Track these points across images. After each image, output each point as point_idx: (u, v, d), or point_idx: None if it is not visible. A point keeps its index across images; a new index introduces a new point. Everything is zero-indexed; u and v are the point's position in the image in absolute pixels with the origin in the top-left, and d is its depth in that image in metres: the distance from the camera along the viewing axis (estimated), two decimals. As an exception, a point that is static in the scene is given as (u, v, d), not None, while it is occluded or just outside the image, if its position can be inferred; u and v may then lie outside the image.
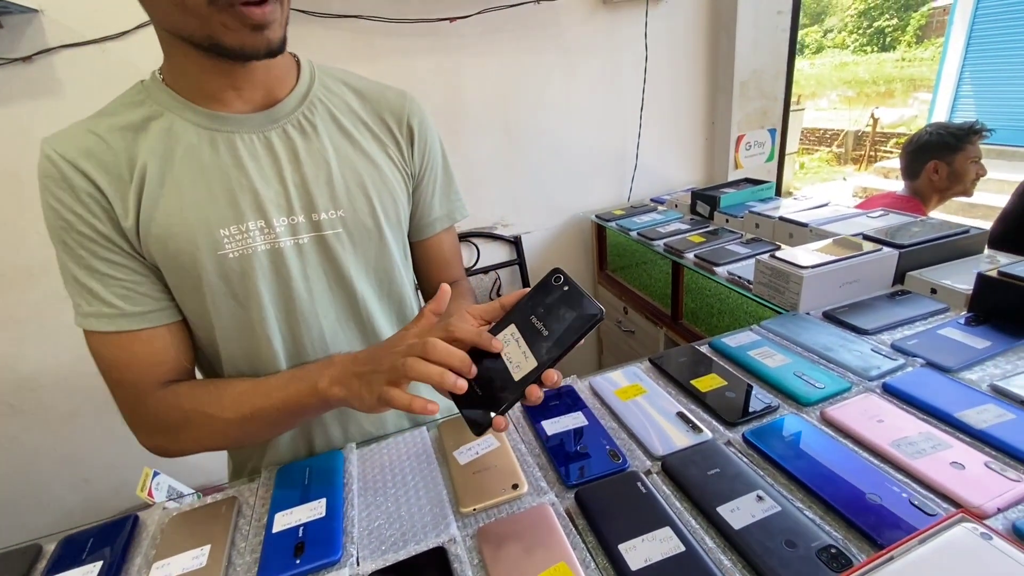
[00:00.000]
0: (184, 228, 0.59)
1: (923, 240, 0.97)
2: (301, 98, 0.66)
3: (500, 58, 1.64)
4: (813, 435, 0.63)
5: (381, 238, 0.70)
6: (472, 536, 0.56)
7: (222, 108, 0.61)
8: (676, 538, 0.52)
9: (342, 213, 0.66)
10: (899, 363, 0.74)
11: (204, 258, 0.60)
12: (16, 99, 1.32)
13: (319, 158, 0.65)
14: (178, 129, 0.60)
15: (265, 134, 0.63)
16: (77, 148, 0.58)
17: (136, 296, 0.61)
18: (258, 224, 0.62)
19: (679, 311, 1.47)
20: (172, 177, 0.59)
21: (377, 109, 0.71)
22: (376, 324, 0.74)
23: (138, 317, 0.61)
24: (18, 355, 1.51)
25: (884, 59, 15.04)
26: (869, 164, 7.85)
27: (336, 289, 0.69)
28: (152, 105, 0.60)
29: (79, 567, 0.59)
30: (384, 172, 0.70)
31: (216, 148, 0.61)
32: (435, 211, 0.79)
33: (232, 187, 0.61)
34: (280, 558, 0.56)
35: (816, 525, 0.51)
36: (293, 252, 0.65)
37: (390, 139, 0.71)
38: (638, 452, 0.65)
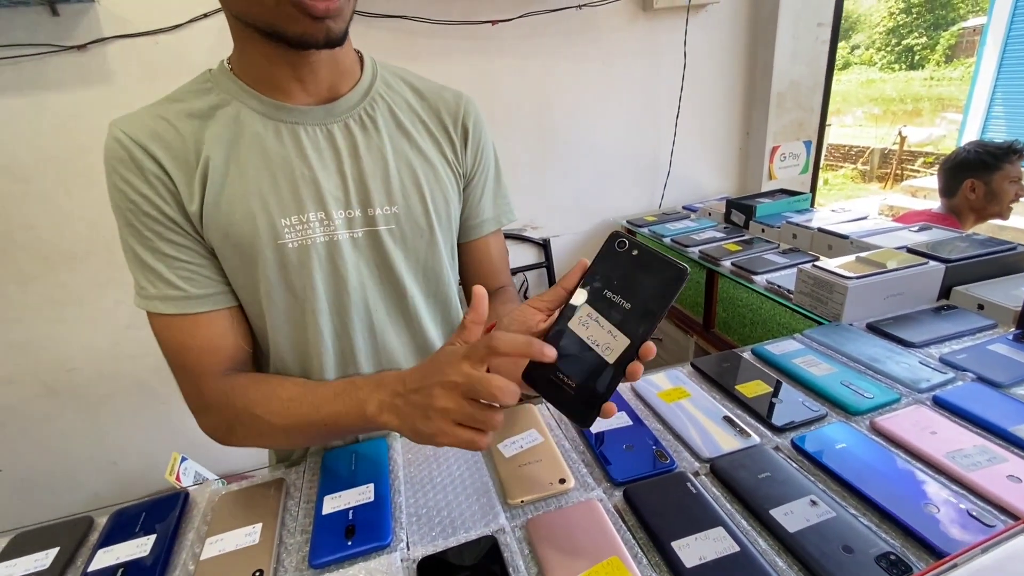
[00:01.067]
0: (246, 216, 0.60)
1: (970, 255, 0.96)
2: (363, 94, 0.67)
3: (539, 62, 1.65)
4: (864, 444, 0.63)
5: (432, 237, 0.71)
6: (521, 527, 0.57)
7: (287, 99, 0.62)
8: (730, 538, 0.52)
9: (396, 210, 0.67)
10: (949, 376, 0.73)
11: (264, 246, 0.61)
12: (69, 86, 1.36)
13: (377, 154, 0.66)
14: (244, 117, 0.61)
15: (328, 127, 0.64)
16: (146, 131, 0.59)
17: (200, 279, 0.62)
18: (318, 216, 0.63)
19: (711, 320, 1.47)
20: (237, 164, 0.61)
21: (434, 108, 0.72)
22: (423, 323, 0.74)
23: (202, 300, 0.62)
24: (56, 337, 1.55)
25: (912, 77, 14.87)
26: (895, 182, 7.74)
27: (385, 285, 0.70)
28: (219, 93, 0.62)
29: (132, 539, 0.60)
30: (438, 171, 0.71)
31: (280, 138, 0.62)
32: (484, 213, 0.79)
33: (295, 177, 0.62)
34: (332, 539, 0.56)
35: (873, 532, 0.51)
36: (348, 245, 0.65)
37: (445, 138, 0.72)
38: (685, 454, 0.65)
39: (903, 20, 16.20)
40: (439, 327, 0.78)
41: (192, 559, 0.57)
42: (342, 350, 0.70)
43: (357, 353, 0.70)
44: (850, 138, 9.72)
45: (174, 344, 0.62)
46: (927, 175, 7.21)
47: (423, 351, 0.76)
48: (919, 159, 7.98)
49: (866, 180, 8.49)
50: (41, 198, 1.41)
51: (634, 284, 0.47)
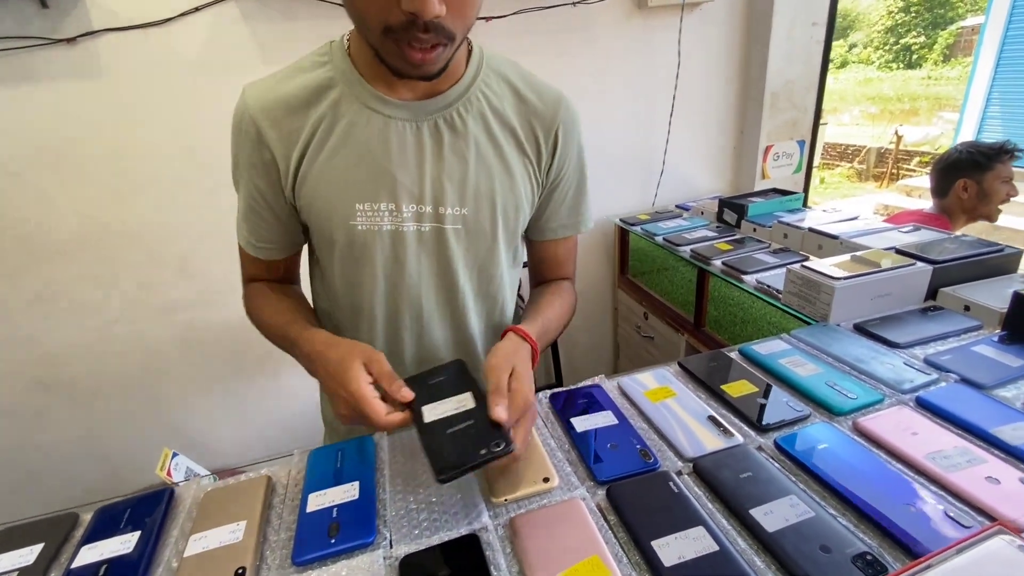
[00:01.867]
0: (327, 195, 0.67)
1: (957, 257, 0.97)
2: (461, 93, 0.68)
3: (532, 59, 1.64)
4: (846, 444, 0.63)
5: (494, 243, 0.74)
6: (504, 525, 0.57)
7: (388, 92, 0.66)
8: (709, 537, 0.52)
9: (466, 212, 0.70)
10: (932, 378, 0.74)
11: (337, 225, 0.68)
12: (58, 79, 1.35)
13: (460, 157, 0.68)
14: (345, 104, 0.66)
15: (418, 124, 0.67)
16: (261, 104, 0.66)
17: (255, 230, 0.74)
18: (388, 207, 0.68)
19: (702, 318, 1.47)
20: (329, 146, 0.66)
21: (530, 115, 0.72)
22: (468, 317, 0.78)
23: (257, 248, 0.76)
24: (46, 332, 1.54)
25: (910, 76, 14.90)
26: (891, 182, 7.76)
27: (441, 277, 0.74)
28: (331, 68, 0.67)
29: (117, 536, 0.60)
30: (516, 182, 0.72)
31: (371, 128, 0.66)
32: (559, 220, 0.80)
33: (375, 168, 0.67)
34: (315, 537, 0.57)
35: (850, 532, 0.51)
36: (413, 237, 0.70)
37: (533, 148, 0.73)
38: (668, 453, 0.66)
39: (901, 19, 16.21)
40: (483, 321, 0.81)
41: (176, 556, 0.57)
42: (390, 327, 0.76)
43: (403, 332, 0.77)
44: (847, 137, 9.74)
45: (243, 263, 0.80)
46: (923, 174, 7.24)
47: (464, 343, 0.80)
48: (915, 158, 8.01)
49: (862, 179, 8.52)
50: (32, 192, 1.40)
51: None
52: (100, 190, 1.44)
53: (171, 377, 1.69)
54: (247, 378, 1.77)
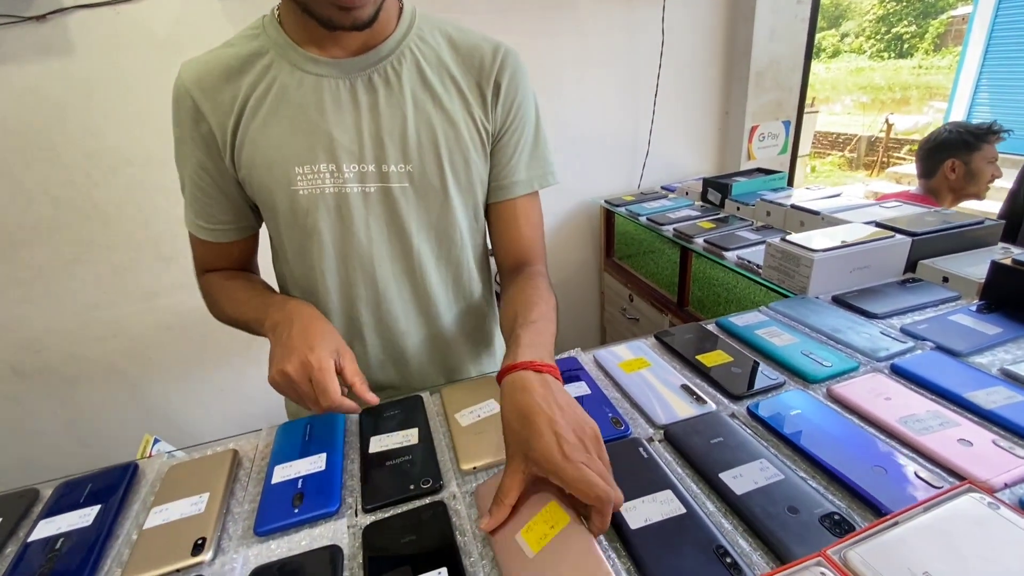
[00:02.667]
0: (265, 162, 0.66)
1: (936, 229, 0.96)
2: (393, 48, 0.66)
3: (513, 38, 1.60)
4: (818, 410, 0.63)
5: (446, 198, 0.70)
6: (471, 493, 0.56)
7: (320, 52, 0.64)
8: (677, 500, 0.51)
9: (410, 168, 0.68)
10: (908, 346, 0.73)
11: (278, 191, 0.67)
12: (28, 57, 1.31)
13: (397, 111, 0.66)
14: (275, 67, 0.65)
15: (351, 81, 0.65)
16: (195, 76, 0.65)
17: (204, 212, 0.72)
18: (329, 167, 0.66)
19: (685, 298, 1.46)
20: (263, 112, 0.65)
21: (468, 63, 0.69)
22: (430, 284, 0.75)
23: (200, 228, 0.73)
24: (22, 317, 1.51)
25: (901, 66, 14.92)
26: (881, 170, 7.79)
27: (395, 242, 0.71)
28: (263, 39, 0.66)
29: (76, 510, 0.59)
30: (460, 131, 0.69)
31: (303, 90, 0.65)
32: (515, 174, 0.74)
33: (311, 129, 0.65)
34: (278, 507, 0.56)
35: (819, 494, 0.51)
36: (359, 199, 0.68)
37: (476, 95, 0.70)
38: (640, 421, 0.65)
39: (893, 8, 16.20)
40: (449, 290, 0.78)
41: (136, 528, 0.56)
42: (345, 295, 0.74)
43: (358, 301, 0.74)
44: (838, 126, 9.75)
45: (192, 247, 0.77)
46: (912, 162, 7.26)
47: (425, 311, 0.78)
48: (905, 147, 8.03)
49: (853, 168, 8.54)
50: (3, 175, 1.37)
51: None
52: (72, 172, 1.41)
53: (152, 362, 1.67)
54: (228, 362, 1.75)
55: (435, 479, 0.57)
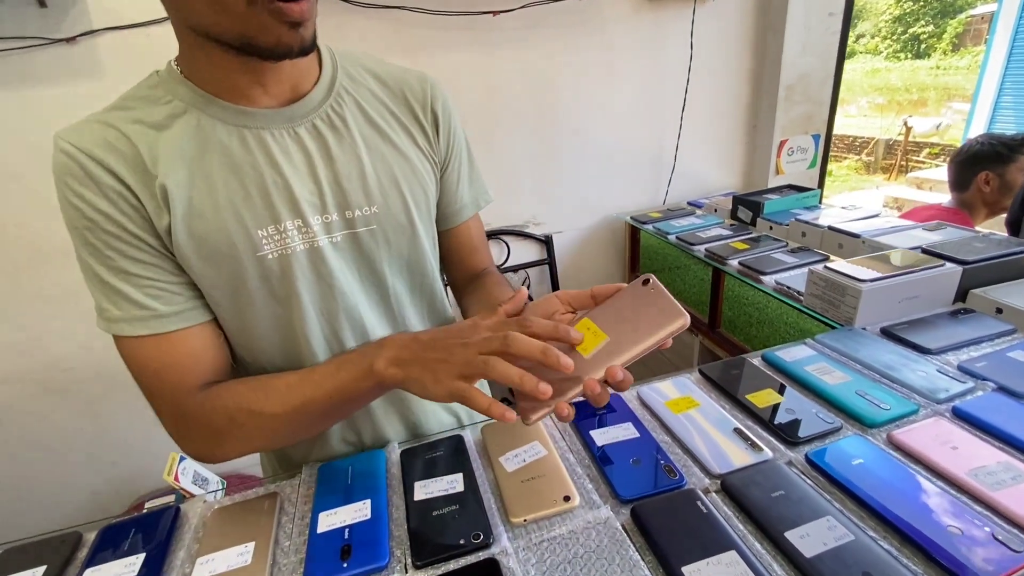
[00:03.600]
0: (221, 230, 0.57)
1: (988, 256, 0.93)
2: (327, 90, 0.63)
3: (541, 54, 1.61)
4: (881, 459, 0.60)
5: (414, 233, 0.69)
6: (524, 548, 0.54)
7: (249, 103, 0.58)
8: (743, 563, 0.49)
9: (375, 209, 0.64)
10: (968, 386, 0.70)
11: (244, 259, 0.58)
12: (58, 80, 1.32)
13: (351, 154, 0.63)
14: (205, 126, 0.57)
15: (295, 129, 0.61)
16: (96, 141, 0.54)
17: (169, 295, 0.58)
18: (295, 223, 0.60)
19: (717, 319, 1.44)
20: (203, 176, 0.57)
21: (401, 96, 0.68)
22: (407, 318, 0.73)
23: (173, 317, 0.58)
24: (50, 335, 1.52)
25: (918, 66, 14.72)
26: (900, 174, 7.67)
27: (367, 284, 0.68)
28: (172, 100, 0.57)
29: (121, 558, 0.58)
30: (414, 164, 0.68)
31: (247, 145, 0.58)
32: (462, 198, 0.76)
33: (267, 185, 0.58)
34: (327, 560, 0.54)
35: (893, 557, 0.48)
36: (330, 250, 0.63)
37: (416, 127, 0.69)
38: (694, 468, 0.63)
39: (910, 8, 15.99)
40: (426, 320, 0.76)
41: (182, 581, 0.55)
42: (332, 352, 0.68)
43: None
44: (854, 128, 9.63)
45: (148, 368, 0.58)
46: (932, 166, 7.14)
47: None
48: (924, 150, 7.90)
49: (870, 172, 8.42)
50: (32, 194, 1.38)
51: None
52: (102, 192, 1.42)
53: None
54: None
55: (485, 533, 0.55)
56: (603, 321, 0.53)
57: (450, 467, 0.66)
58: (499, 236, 1.77)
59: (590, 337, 0.52)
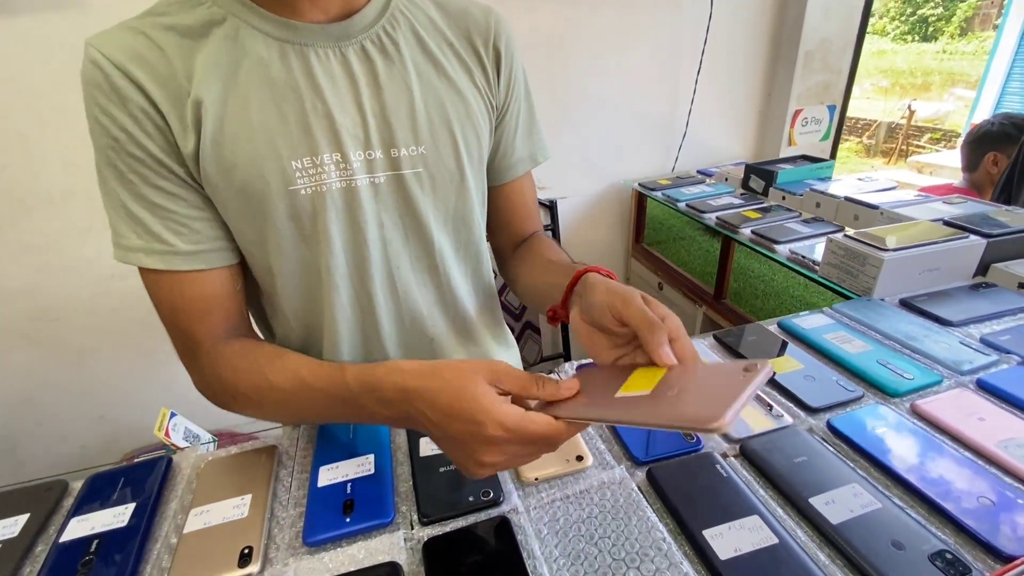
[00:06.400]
0: (252, 158, 0.52)
1: (1013, 230, 0.90)
2: (381, 9, 0.57)
3: (552, 8, 1.53)
4: (906, 428, 0.58)
5: (463, 182, 0.62)
6: (535, 508, 0.52)
7: (293, 15, 0.52)
8: (767, 528, 0.47)
9: (423, 150, 0.58)
10: (992, 359, 0.68)
11: (274, 194, 0.53)
12: (39, 10, 1.23)
13: (401, 84, 0.57)
14: (244, 38, 0.51)
15: (342, 50, 0.54)
16: (128, 51, 0.49)
17: (190, 232, 0.53)
18: (334, 157, 0.54)
19: (723, 290, 1.41)
20: (238, 95, 0.51)
21: (463, 27, 0.61)
22: (452, 278, 0.67)
23: (192, 257, 0.54)
24: (36, 285, 1.47)
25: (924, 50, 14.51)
26: (900, 158, 7.62)
27: (411, 237, 0.62)
28: (211, 6, 0.51)
29: (109, 508, 0.55)
30: (470, 105, 0.61)
31: (288, 63, 0.52)
32: (518, 151, 0.69)
33: (306, 112, 0.53)
34: (328, 514, 0.52)
35: (922, 526, 0.47)
36: (369, 192, 0.57)
37: (476, 64, 0.62)
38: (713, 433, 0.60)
39: (920, -12, 15.67)
40: (469, 282, 0.70)
41: (175, 531, 0.52)
42: (361, 308, 0.63)
43: (378, 310, 0.63)
44: (856, 110, 9.51)
45: (165, 303, 0.55)
46: (933, 151, 7.10)
47: (451, 310, 0.69)
48: (926, 135, 7.84)
49: (870, 155, 8.36)
50: (13, 136, 1.30)
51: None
52: (87, 136, 1.35)
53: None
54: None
55: (495, 491, 0.53)
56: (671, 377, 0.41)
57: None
58: (502, 199, 1.72)
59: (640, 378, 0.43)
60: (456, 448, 0.43)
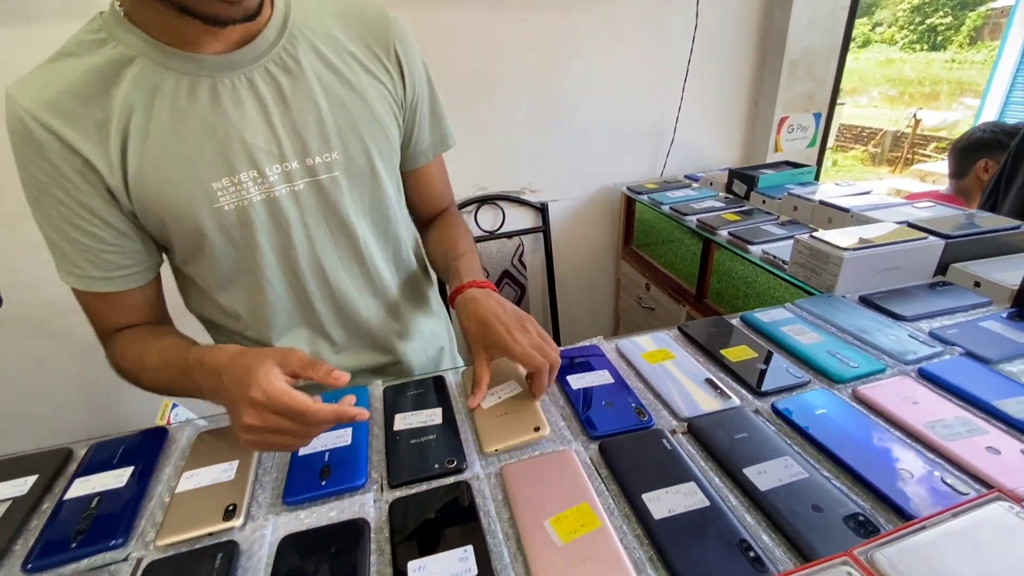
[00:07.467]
0: (176, 183, 0.58)
1: (970, 232, 0.94)
2: (279, 30, 0.61)
3: (543, 15, 1.59)
4: (844, 410, 0.62)
5: (375, 179, 0.69)
6: (496, 475, 0.57)
7: (198, 49, 0.56)
8: (700, 493, 0.52)
9: (336, 155, 0.64)
10: (937, 350, 0.72)
11: (201, 212, 0.60)
12: (52, 18, 1.30)
13: (307, 99, 0.62)
14: (153, 76, 0.56)
15: (247, 76, 0.59)
16: (42, 101, 0.54)
17: (101, 262, 0.62)
18: (251, 174, 0.60)
19: (704, 290, 1.46)
20: (155, 129, 0.56)
21: (361, 35, 0.66)
22: (376, 264, 0.75)
23: (101, 280, 0.63)
24: (45, 279, 1.51)
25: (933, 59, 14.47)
26: (905, 167, 7.62)
27: (337, 233, 0.69)
28: (118, 46, 0.55)
29: (110, 471, 0.60)
30: (375, 108, 0.67)
31: (196, 96, 0.57)
32: (424, 142, 0.76)
33: (219, 138, 0.58)
34: (306, 478, 0.57)
35: (843, 494, 0.51)
36: (290, 200, 0.64)
37: (379, 67, 0.67)
38: (664, 412, 0.65)
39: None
40: (391, 265, 0.78)
41: (168, 491, 0.58)
42: (298, 299, 0.71)
43: (313, 300, 0.72)
44: (863, 119, 9.52)
45: (85, 308, 0.67)
46: (939, 160, 7.09)
47: (379, 292, 0.77)
48: (932, 144, 7.84)
49: (876, 163, 8.36)
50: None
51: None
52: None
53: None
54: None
55: (459, 459, 0.58)
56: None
57: (430, 403, 0.68)
58: (494, 201, 1.78)
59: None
60: (231, 411, 0.52)
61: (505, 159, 1.74)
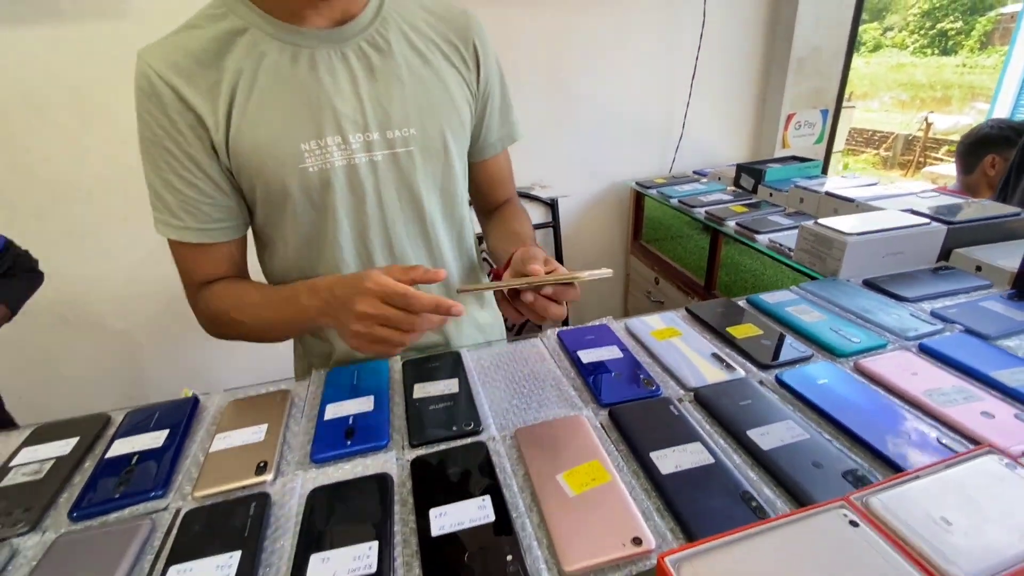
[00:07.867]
0: (270, 141, 0.64)
1: (972, 219, 0.96)
2: (374, 15, 0.68)
3: (555, 14, 1.63)
4: (846, 381, 0.65)
5: (448, 159, 0.74)
6: (511, 436, 0.60)
7: (301, 23, 0.64)
8: (705, 451, 0.54)
9: (414, 131, 0.70)
10: (937, 328, 0.75)
11: (287, 171, 0.65)
12: (84, 17, 1.36)
13: (393, 76, 0.68)
14: (262, 44, 0.63)
15: (342, 50, 0.66)
16: (168, 62, 0.61)
17: (199, 213, 0.67)
18: (335, 140, 0.66)
19: (713, 283, 1.48)
20: (258, 91, 0.63)
21: (445, 28, 0.73)
22: (440, 241, 0.78)
23: (197, 231, 0.68)
24: (73, 270, 1.59)
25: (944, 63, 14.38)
26: (917, 170, 7.57)
27: (406, 205, 0.74)
28: (234, 19, 0.63)
29: (147, 433, 0.64)
30: (453, 92, 0.72)
31: (297, 63, 0.64)
32: (494, 133, 0.82)
33: (312, 102, 0.65)
34: (332, 439, 0.60)
35: (842, 452, 0.54)
36: (368, 169, 0.69)
37: (458, 59, 0.73)
38: (671, 383, 0.68)
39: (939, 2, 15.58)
40: (455, 246, 0.82)
41: (202, 451, 0.61)
42: (363, 267, 0.75)
43: (376, 266, 0.75)
44: (875, 123, 9.47)
45: (177, 260, 0.72)
46: (950, 163, 7.05)
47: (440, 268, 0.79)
48: (943, 147, 7.78)
49: (887, 167, 8.31)
50: (58, 130, 1.43)
51: None
52: (126, 132, 1.47)
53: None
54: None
55: (476, 423, 0.61)
56: None
57: (447, 375, 0.71)
58: (506, 197, 1.81)
59: None
60: (342, 313, 0.58)
61: (515, 155, 1.76)
